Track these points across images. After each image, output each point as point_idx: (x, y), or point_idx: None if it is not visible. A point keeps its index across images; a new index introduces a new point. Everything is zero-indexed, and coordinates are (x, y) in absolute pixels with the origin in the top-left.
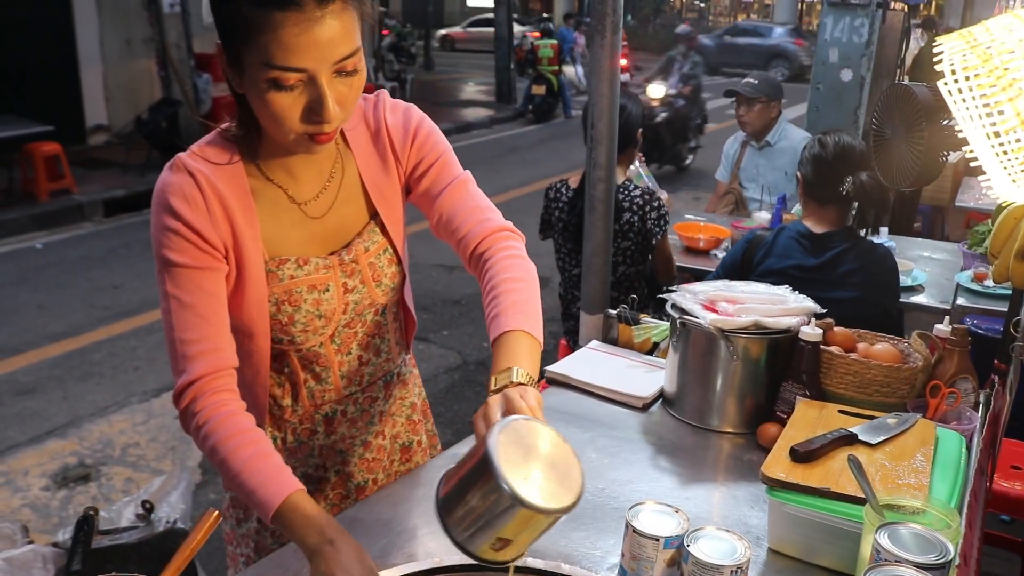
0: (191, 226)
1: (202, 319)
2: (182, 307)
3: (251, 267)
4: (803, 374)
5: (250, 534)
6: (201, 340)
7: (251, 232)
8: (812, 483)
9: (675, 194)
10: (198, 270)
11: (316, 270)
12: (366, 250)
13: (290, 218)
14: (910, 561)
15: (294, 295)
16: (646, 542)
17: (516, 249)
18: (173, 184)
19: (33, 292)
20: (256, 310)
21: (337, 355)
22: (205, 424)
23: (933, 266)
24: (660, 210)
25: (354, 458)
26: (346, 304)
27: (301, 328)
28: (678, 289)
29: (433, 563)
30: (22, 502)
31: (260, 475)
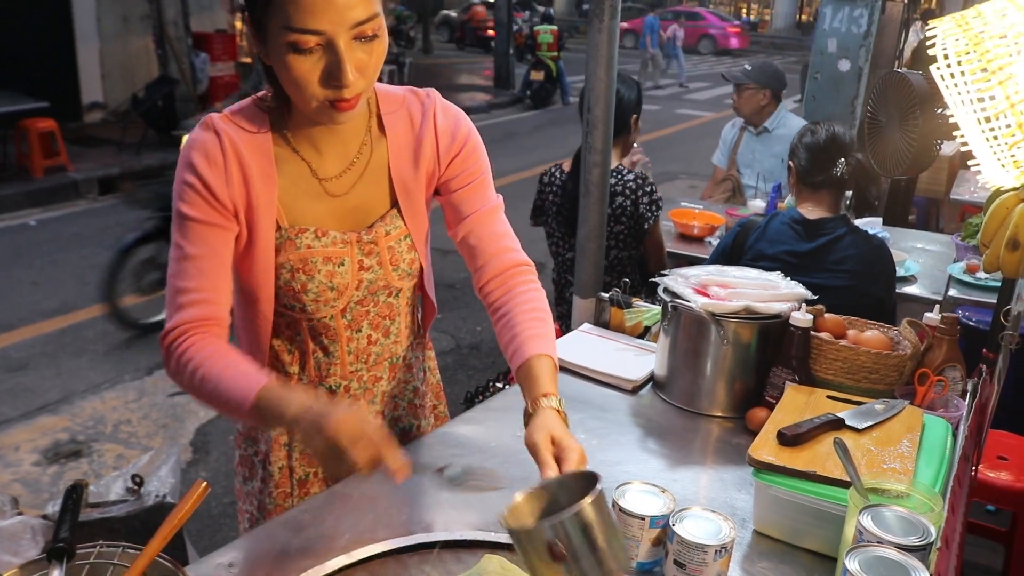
0: (206, 182)
1: (201, 272)
2: (185, 258)
3: (262, 233)
4: (793, 359)
5: (254, 492)
6: (197, 290)
7: (267, 199)
8: (798, 466)
9: (671, 183)
10: (206, 225)
11: (333, 243)
12: (387, 233)
13: (311, 191)
14: (892, 542)
15: (309, 264)
16: (632, 521)
17: (534, 283)
18: (198, 141)
19: (27, 269)
20: (263, 276)
21: (347, 331)
22: (184, 353)
23: (926, 257)
24: (652, 195)
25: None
26: (360, 281)
27: (313, 297)
28: (670, 273)
29: (417, 539)
30: (13, 477)
31: (235, 380)
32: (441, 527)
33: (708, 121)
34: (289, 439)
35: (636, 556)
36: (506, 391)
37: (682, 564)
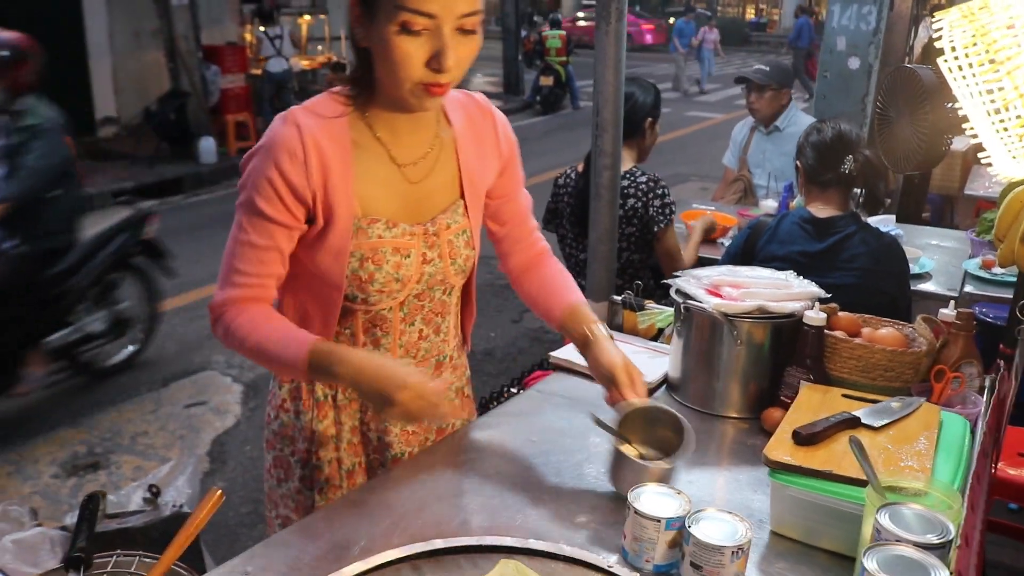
0: (288, 180)
1: (260, 261)
2: (248, 244)
3: (339, 219)
4: (807, 359)
5: (290, 494)
6: (252, 275)
7: (344, 186)
8: (814, 465)
9: (683, 184)
10: (276, 224)
11: (403, 235)
12: (448, 226)
13: (387, 176)
14: (910, 541)
15: (379, 254)
16: (647, 523)
17: (557, 263)
18: (282, 136)
19: None
20: (333, 260)
21: (401, 323)
22: (232, 322)
23: (941, 254)
24: (664, 199)
25: (396, 427)
26: (422, 274)
27: (378, 287)
28: (682, 274)
29: (432, 545)
30: (32, 489)
31: (283, 339)
32: (457, 533)
33: (719, 123)
34: (336, 431)
35: (652, 559)
36: (520, 396)
37: (699, 566)
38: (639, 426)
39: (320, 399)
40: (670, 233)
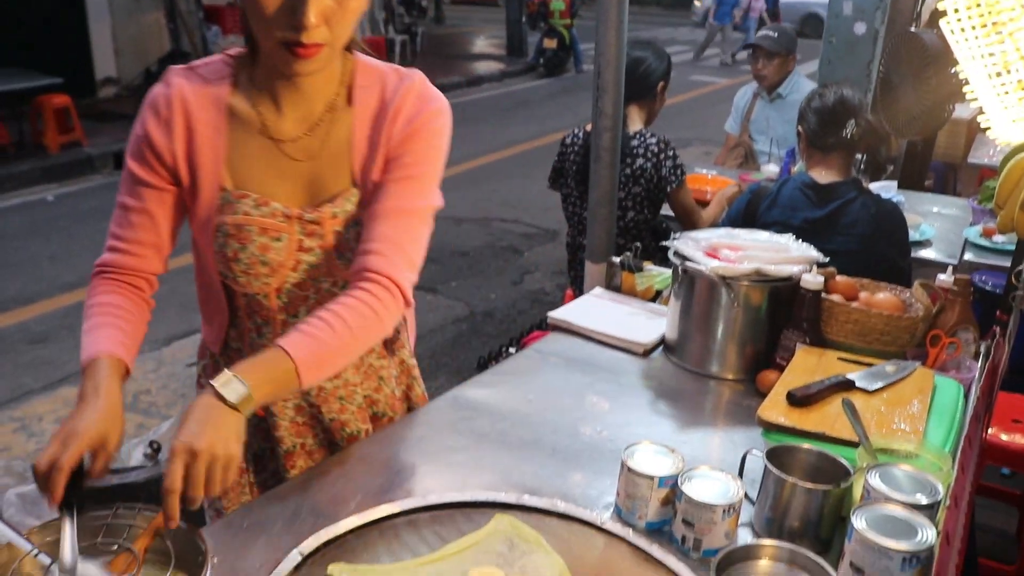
0: (149, 138)
1: (130, 225)
2: (120, 204)
3: (204, 190)
4: (804, 322)
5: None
6: (122, 239)
7: (212, 153)
8: (807, 427)
9: (685, 149)
10: (145, 185)
11: (273, 215)
12: (334, 216)
13: (260, 150)
14: (899, 500)
15: (244, 232)
16: (640, 481)
17: (367, 293)
18: (152, 94)
19: (45, 244)
20: (206, 235)
21: (281, 313)
22: (90, 292)
23: (942, 221)
24: (676, 159)
25: (284, 421)
26: (297, 262)
27: (243, 269)
28: (680, 236)
29: (428, 501)
30: (37, 447)
31: (88, 338)
32: (453, 488)
33: (722, 88)
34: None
35: (645, 515)
36: (517, 356)
37: (690, 523)
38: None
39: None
40: (685, 190)
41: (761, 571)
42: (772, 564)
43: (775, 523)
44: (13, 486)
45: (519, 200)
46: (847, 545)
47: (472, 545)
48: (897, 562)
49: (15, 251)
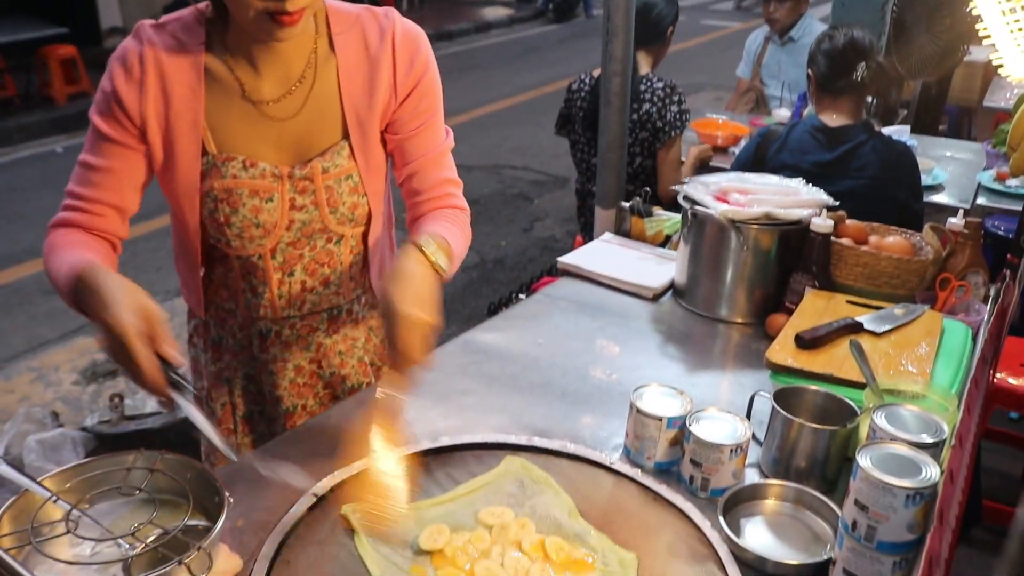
0: (118, 95)
1: (92, 185)
2: (84, 165)
3: (182, 154)
4: (813, 265)
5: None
6: (85, 200)
7: (190, 118)
8: (815, 369)
9: (696, 94)
10: (111, 142)
11: (262, 176)
12: (324, 171)
13: (241, 113)
14: (904, 439)
15: (234, 196)
16: (649, 422)
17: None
18: (122, 49)
19: (56, 196)
20: (186, 202)
21: (276, 273)
22: (46, 245)
23: (955, 166)
24: (681, 105)
25: (284, 381)
26: (291, 221)
27: (236, 232)
28: (690, 180)
29: (439, 443)
30: (55, 396)
31: (65, 261)
32: (464, 431)
33: (734, 32)
34: (230, 374)
35: (654, 456)
36: (527, 300)
37: (698, 463)
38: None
39: (216, 341)
40: (678, 143)
41: (767, 510)
42: (778, 503)
43: (782, 463)
44: (33, 432)
45: (529, 147)
46: (852, 483)
47: (483, 486)
48: (901, 499)
49: (27, 203)
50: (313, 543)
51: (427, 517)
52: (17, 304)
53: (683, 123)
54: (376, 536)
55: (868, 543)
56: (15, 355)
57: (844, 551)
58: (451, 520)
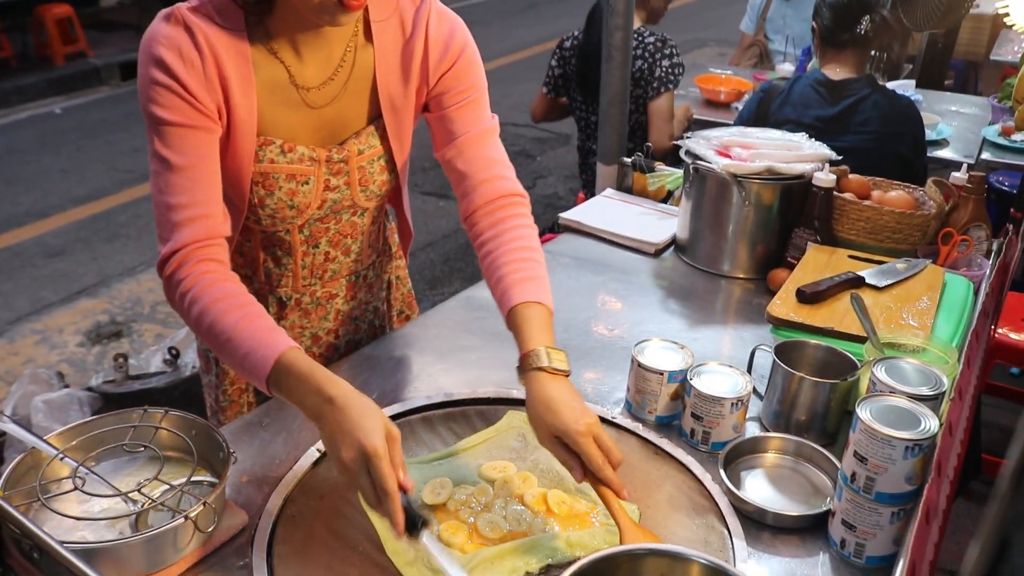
0: (183, 83)
1: (194, 183)
2: (173, 169)
3: (241, 141)
4: (815, 220)
5: (211, 386)
6: (192, 205)
7: (247, 103)
8: (816, 322)
9: (700, 50)
10: (191, 129)
11: (300, 160)
12: (359, 152)
13: (286, 100)
14: (904, 392)
15: (270, 180)
16: (650, 376)
17: (526, 218)
18: (167, 36)
19: (55, 157)
20: (236, 185)
21: (302, 245)
22: (191, 290)
23: (960, 120)
24: (673, 59)
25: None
26: (323, 200)
27: (269, 213)
28: (692, 135)
29: (442, 398)
30: (60, 358)
31: (251, 338)
32: (466, 386)
33: None
34: None
35: (655, 410)
36: None
37: (699, 416)
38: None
39: None
40: (669, 96)
41: (768, 463)
42: (779, 456)
43: (782, 417)
44: (39, 393)
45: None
46: (852, 435)
47: (485, 441)
48: (900, 450)
49: (26, 165)
50: (318, 498)
51: (430, 472)
52: (19, 267)
53: (675, 77)
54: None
55: (867, 494)
56: (19, 318)
57: (843, 502)
58: (454, 475)
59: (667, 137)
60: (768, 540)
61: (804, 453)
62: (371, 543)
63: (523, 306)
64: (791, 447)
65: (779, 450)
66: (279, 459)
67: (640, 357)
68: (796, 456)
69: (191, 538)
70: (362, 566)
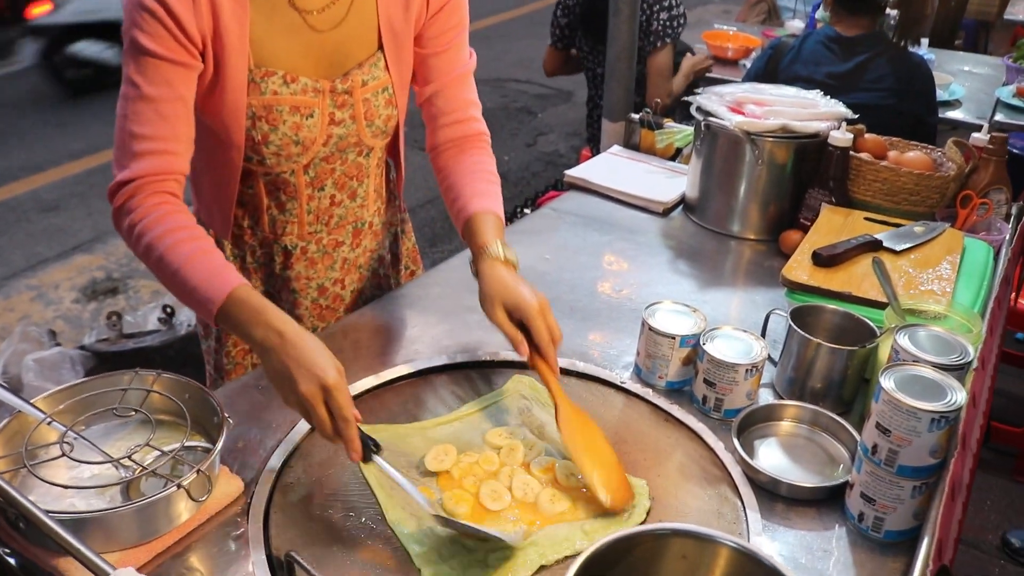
0: (171, 11)
1: (161, 117)
2: (143, 99)
3: (232, 70)
4: (830, 180)
5: (210, 351)
6: (155, 139)
7: (238, 31)
8: (833, 287)
9: (704, 6)
10: (169, 63)
11: (303, 91)
12: (363, 83)
13: (285, 24)
14: (929, 361)
15: (273, 113)
16: (662, 340)
17: (488, 155)
18: None
19: (51, 110)
20: (232, 119)
21: (308, 188)
22: (140, 221)
23: (973, 81)
24: (672, 10)
25: (306, 301)
26: (329, 136)
27: (274, 151)
28: (704, 91)
29: (445, 361)
30: (55, 314)
31: (202, 271)
32: (470, 348)
33: None
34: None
35: (666, 375)
36: (533, 215)
37: (712, 383)
38: None
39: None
40: (668, 51)
41: (782, 432)
42: (794, 425)
43: (797, 384)
44: (31, 351)
45: (532, 60)
46: (874, 405)
47: (490, 405)
48: (925, 423)
49: (20, 119)
50: (316, 464)
51: (433, 437)
52: (14, 222)
53: (674, 30)
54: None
55: (889, 467)
56: (14, 273)
57: (863, 475)
58: (458, 441)
59: (665, 95)
60: (782, 512)
61: (820, 422)
62: (371, 511)
63: (479, 214)
64: (807, 415)
65: (794, 418)
66: (276, 423)
67: (651, 320)
68: (812, 425)
69: (184, 507)
70: (362, 535)
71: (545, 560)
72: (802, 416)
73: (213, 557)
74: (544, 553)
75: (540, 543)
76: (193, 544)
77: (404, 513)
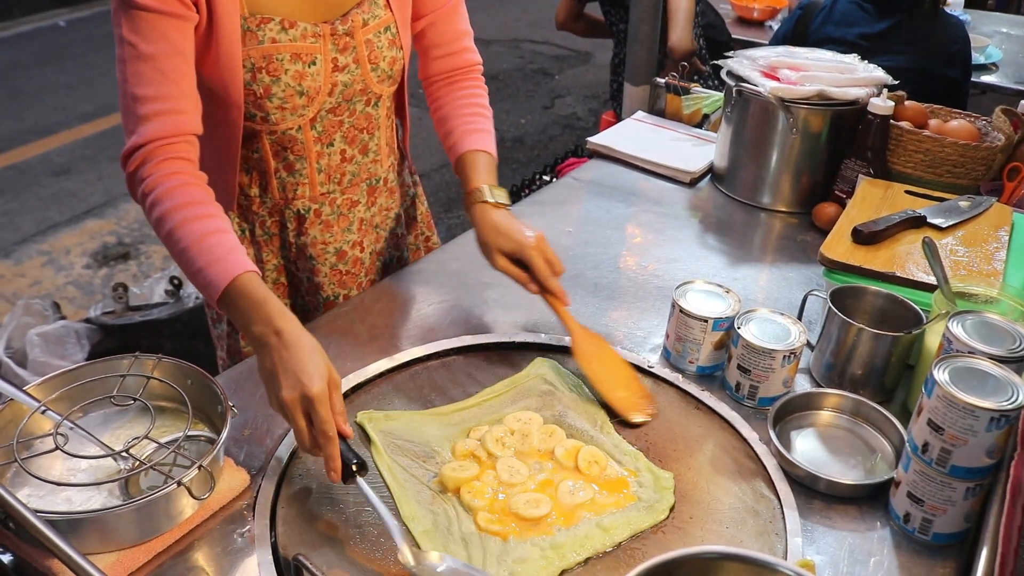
0: None
1: (162, 74)
2: (140, 58)
3: (224, 20)
4: (868, 151)
5: (223, 336)
6: (160, 98)
7: None
8: (876, 267)
9: None
10: (163, 16)
11: (303, 37)
12: (364, 23)
13: None
14: (985, 352)
15: (273, 63)
16: (694, 323)
17: (481, 86)
18: None
19: (60, 72)
20: (229, 74)
21: (316, 144)
22: (153, 191)
23: (1010, 43)
24: None
25: (325, 267)
26: (333, 84)
27: (278, 104)
28: (735, 54)
29: (462, 342)
30: (66, 280)
31: (210, 253)
32: (488, 329)
33: None
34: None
35: (696, 360)
36: (554, 184)
37: (746, 369)
38: None
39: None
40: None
41: (822, 422)
42: (834, 415)
43: (836, 370)
44: (34, 326)
45: (549, 21)
46: (925, 400)
47: (509, 390)
48: (984, 422)
49: (30, 80)
50: None
51: (450, 422)
52: (25, 186)
53: None
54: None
55: (940, 467)
56: (24, 238)
57: (910, 473)
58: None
59: (688, 40)
60: (821, 509)
61: (863, 413)
62: (384, 506)
63: (470, 153)
64: (847, 405)
65: (835, 408)
66: None
67: (682, 301)
68: (854, 415)
69: (186, 503)
70: (374, 532)
71: (566, 564)
72: (842, 406)
73: (217, 557)
74: (565, 555)
75: (562, 545)
76: (196, 543)
77: (419, 509)
